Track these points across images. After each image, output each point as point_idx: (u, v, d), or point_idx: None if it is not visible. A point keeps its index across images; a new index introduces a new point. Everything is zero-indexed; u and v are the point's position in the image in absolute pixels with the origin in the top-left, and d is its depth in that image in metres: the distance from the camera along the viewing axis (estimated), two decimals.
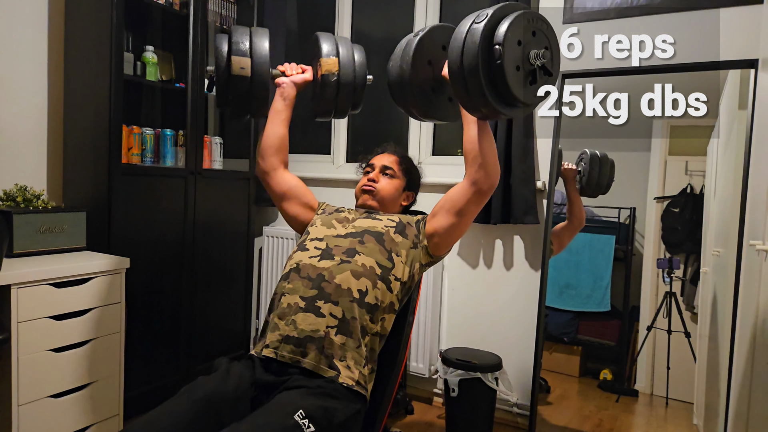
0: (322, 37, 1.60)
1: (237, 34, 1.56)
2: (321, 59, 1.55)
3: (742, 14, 2.02)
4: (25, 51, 2.30)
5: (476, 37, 1.17)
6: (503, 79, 1.17)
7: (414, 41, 1.42)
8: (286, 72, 1.68)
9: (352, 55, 1.58)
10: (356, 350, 1.40)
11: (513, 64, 1.18)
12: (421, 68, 1.42)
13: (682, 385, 2.22)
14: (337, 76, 1.54)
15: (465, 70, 1.19)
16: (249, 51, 1.53)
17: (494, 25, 1.18)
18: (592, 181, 2.29)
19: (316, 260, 1.48)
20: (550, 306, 2.40)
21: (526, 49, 1.21)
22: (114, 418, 2.07)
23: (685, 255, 2.20)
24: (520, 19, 1.18)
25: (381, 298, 1.46)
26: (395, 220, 1.59)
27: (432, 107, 1.48)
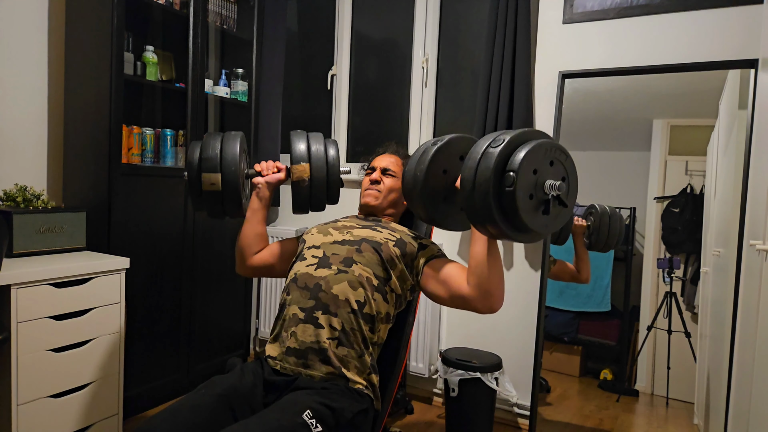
0: (294, 138, 1.61)
1: (207, 146, 1.55)
2: (292, 166, 1.58)
3: (742, 14, 2.02)
4: (26, 51, 2.30)
5: (491, 161, 1.15)
6: (514, 206, 1.14)
7: (432, 149, 1.39)
8: (262, 172, 1.67)
9: (324, 156, 1.59)
10: (359, 360, 1.40)
11: (526, 193, 1.15)
12: (436, 177, 1.39)
13: (683, 385, 2.22)
14: (308, 180, 1.57)
15: (476, 192, 1.17)
16: (219, 165, 1.52)
17: (510, 152, 1.16)
18: (601, 238, 2.25)
19: (313, 269, 1.48)
20: (550, 306, 2.40)
21: (541, 178, 1.18)
22: (114, 417, 2.07)
23: (685, 255, 2.20)
24: (537, 149, 1.16)
25: (378, 309, 1.45)
26: (396, 236, 1.55)
27: (440, 215, 1.44)
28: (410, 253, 1.52)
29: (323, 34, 3.17)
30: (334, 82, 3.10)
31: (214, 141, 1.56)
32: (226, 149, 1.54)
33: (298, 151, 1.58)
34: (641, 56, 2.20)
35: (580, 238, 2.30)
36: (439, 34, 2.79)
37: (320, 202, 1.62)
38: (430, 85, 2.79)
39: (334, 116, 3.12)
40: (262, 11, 2.88)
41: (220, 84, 2.80)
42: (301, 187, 1.58)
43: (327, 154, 1.60)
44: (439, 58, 2.80)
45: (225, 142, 1.56)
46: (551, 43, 2.37)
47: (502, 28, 2.33)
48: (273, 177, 1.66)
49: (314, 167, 1.57)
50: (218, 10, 2.77)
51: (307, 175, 1.57)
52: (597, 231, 2.26)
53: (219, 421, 1.24)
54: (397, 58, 2.94)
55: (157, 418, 1.23)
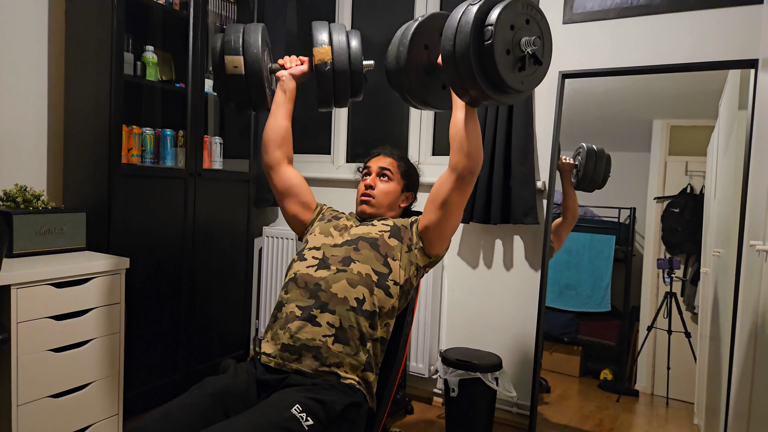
0: (316, 26, 1.61)
1: (230, 32, 1.57)
2: (313, 49, 1.57)
3: (742, 14, 2.02)
4: (26, 51, 2.30)
5: (470, 17, 1.19)
6: (492, 61, 1.17)
7: (413, 25, 1.43)
8: (285, 65, 1.70)
9: (346, 42, 1.58)
10: (354, 357, 1.41)
11: (503, 47, 1.19)
12: (418, 52, 1.43)
13: (683, 385, 2.21)
14: (330, 64, 1.55)
15: (456, 50, 1.20)
16: (241, 48, 1.54)
17: (489, 8, 1.20)
18: (587, 176, 2.31)
19: (313, 270, 1.49)
20: (550, 306, 2.40)
21: (517, 35, 1.21)
22: (114, 418, 2.07)
23: (685, 255, 2.20)
24: (514, 4, 1.20)
25: (380, 305, 1.46)
26: (389, 224, 1.58)
27: (427, 92, 1.48)
28: (404, 234, 1.56)
29: None
30: None
31: (236, 27, 1.58)
32: (248, 34, 1.56)
33: (320, 36, 1.57)
34: (641, 56, 2.20)
35: (568, 176, 2.35)
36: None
37: (343, 92, 1.61)
38: None
39: (333, 117, 3.12)
40: (262, 11, 2.88)
41: None
42: (323, 72, 1.56)
43: (349, 43, 1.59)
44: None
45: (247, 29, 1.58)
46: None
47: None
48: (297, 69, 1.68)
49: (336, 51, 1.56)
50: (218, 10, 2.77)
51: (329, 58, 1.55)
52: (584, 168, 2.31)
53: (211, 420, 1.24)
54: None
55: (150, 418, 1.23)
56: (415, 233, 1.57)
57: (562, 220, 2.37)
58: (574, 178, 2.34)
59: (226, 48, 1.54)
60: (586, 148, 2.31)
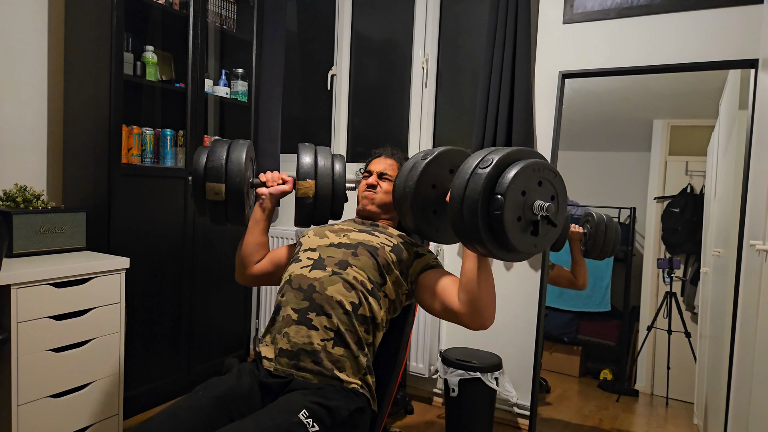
0: (302, 151, 1.61)
1: (214, 154, 1.54)
2: (297, 182, 1.58)
3: (742, 14, 2.02)
4: (25, 51, 2.30)
5: (479, 182, 1.14)
6: (502, 229, 1.14)
7: (421, 164, 1.38)
8: (267, 182, 1.67)
9: (330, 171, 1.59)
10: (354, 360, 1.40)
11: (514, 215, 1.15)
12: (425, 189, 1.39)
13: (683, 385, 2.22)
14: (313, 198, 1.57)
15: (464, 213, 1.16)
16: (224, 175, 1.52)
17: (498, 174, 1.15)
18: (597, 245, 2.28)
19: (308, 270, 1.47)
20: (550, 306, 2.40)
21: (529, 199, 1.17)
22: (114, 418, 2.07)
23: (685, 255, 2.20)
24: (525, 170, 1.15)
25: (373, 313, 1.44)
26: (392, 241, 1.54)
27: (430, 229, 1.44)
28: (406, 260, 1.52)
29: (323, 35, 3.17)
30: (333, 82, 3.11)
31: (220, 149, 1.55)
32: (232, 159, 1.53)
33: (305, 166, 1.58)
34: (641, 56, 2.20)
35: (577, 244, 2.32)
36: (439, 35, 2.79)
37: (323, 217, 1.63)
38: (430, 86, 2.79)
39: (333, 116, 3.12)
40: (261, 11, 2.88)
41: (219, 84, 2.80)
42: (305, 203, 1.58)
43: (333, 170, 1.60)
44: (439, 58, 2.80)
45: (231, 152, 1.55)
46: (551, 43, 2.37)
47: (502, 28, 2.33)
48: (277, 189, 1.65)
49: (320, 184, 1.58)
50: (218, 10, 2.77)
51: (313, 192, 1.57)
52: (593, 238, 2.28)
53: (217, 423, 1.24)
54: (397, 58, 2.94)
55: (155, 420, 1.22)
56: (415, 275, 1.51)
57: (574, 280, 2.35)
58: (583, 246, 2.32)
59: (209, 175, 1.52)
60: (596, 217, 2.27)
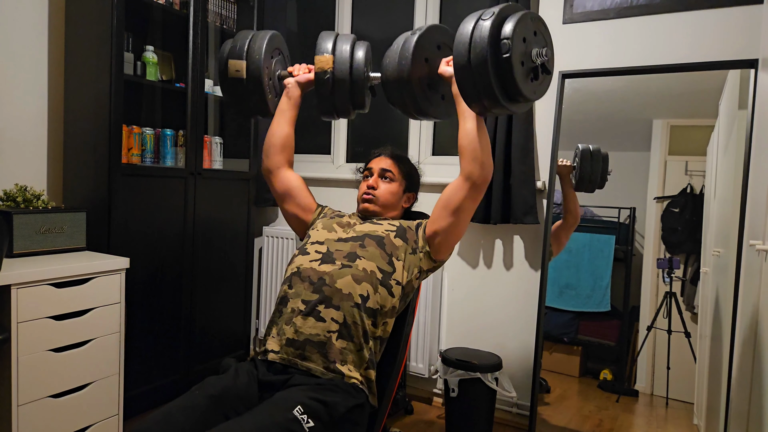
0: (322, 35, 1.61)
1: (238, 37, 1.61)
2: (315, 56, 1.57)
3: (742, 14, 2.02)
4: (26, 51, 2.30)
5: (485, 32, 1.21)
6: (511, 73, 1.21)
7: (413, 39, 1.44)
8: (293, 72, 1.71)
9: (350, 53, 1.56)
10: (357, 354, 1.41)
11: (519, 60, 1.22)
12: (419, 66, 1.45)
13: (683, 385, 2.22)
14: (330, 73, 1.54)
15: (473, 64, 1.23)
16: (245, 53, 1.57)
17: (501, 22, 1.23)
18: (585, 176, 2.32)
19: (317, 264, 1.49)
20: (550, 306, 2.40)
21: (529, 47, 1.25)
22: (114, 418, 2.07)
23: (685, 255, 2.20)
24: (524, 18, 1.23)
25: (382, 303, 1.46)
26: (396, 225, 1.59)
27: (429, 104, 1.50)
28: (410, 236, 1.57)
29: None
30: None
31: (246, 33, 1.63)
32: (254, 40, 1.60)
33: (323, 45, 1.58)
34: (641, 56, 2.20)
35: (567, 178, 2.35)
36: None
37: (344, 103, 1.59)
38: None
39: None
40: (262, 11, 2.88)
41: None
42: (322, 81, 1.55)
43: (353, 54, 1.57)
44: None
45: (255, 36, 1.62)
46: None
47: None
48: (303, 76, 1.70)
49: (337, 61, 1.56)
50: (218, 10, 2.77)
51: (329, 67, 1.54)
52: (581, 169, 2.32)
53: (212, 422, 1.24)
54: None
55: (151, 420, 1.22)
56: (422, 237, 1.57)
57: (563, 222, 2.37)
58: (573, 179, 2.34)
59: (231, 52, 1.58)
60: (581, 148, 2.31)
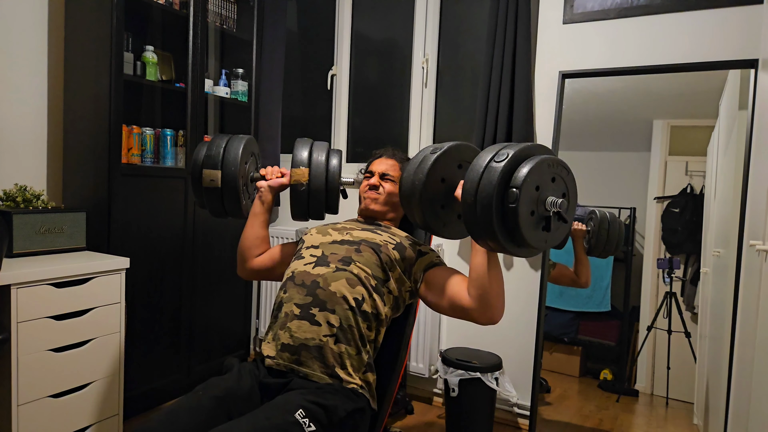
0: (297, 144, 1.64)
1: (213, 143, 1.59)
2: (291, 169, 1.61)
3: (742, 14, 2.02)
4: (25, 51, 2.30)
5: (494, 175, 1.15)
6: (516, 222, 1.14)
7: (431, 158, 1.37)
8: (266, 176, 1.69)
9: (325, 162, 1.61)
10: (356, 357, 1.40)
11: (528, 209, 1.16)
12: (434, 185, 1.38)
13: (683, 385, 2.22)
14: (306, 185, 1.59)
15: (478, 207, 1.17)
16: (220, 163, 1.56)
17: (514, 168, 1.16)
18: (600, 243, 2.27)
19: (311, 267, 1.48)
20: (550, 306, 2.40)
21: (542, 195, 1.18)
22: (114, 418, 2.07)
23: (685, 255, 2.20)
24: (540, 165, 1.15)
25: (376, 309, 1.45)
26: (396, 239, 1.56)
27: (438, 223, 1.43)
28: (409, 258, 1.52)
29: (323, 34, 3.17)
30: (334, 82, 3.11)
31: (220, 140, 1.61)
32: (229, 148, 1.59)
33: (299, 156, 1.61)
34: (641, 56, 2.20)
35: (580, 242, 2.31)
36: (439, 35, 2.79)
37: (319, 209, 1.64)
38: (430, 86, 2.79)
39: (334, 116, 3.12)
40: (261, 11, 2.88)
41: (220, 84, 2.80)
42: (299, 191, 1.59)
43: (328, 162, 1.62)
44: (439, 58, 2.80)
45: (230, 142, 1.61)
46: (551, 43, 2.37)
47: (502, 28, 2.33)
48: (276, 181, 1.67)
49: (313, 173, 1.60)
50: (218, 10, 2.77)
51: (305, 179, 1.59)
52: (596, 236, 2.27)
53: (217, 422, 1.24)
54: (397, 58, 2.94)
55: (156, 419, 1.22)
56: (419, 274, 1.51)
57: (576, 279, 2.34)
58: (586, 244, 2.31)
59: (206, 161, 1.57)
60: (599, 215, 2.26)
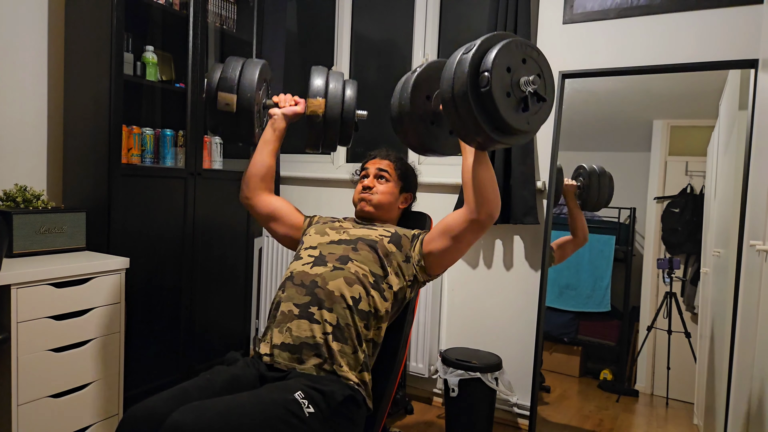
0: (314, 72, 1.62)
1: (228, 67, 1.57)
2: (307, 99, 1.59)
3: (742, 14, 2.02)
4: (25, 51, 2.30)
5: (465, 65, 1.18)
6: (493, 106, 1.16)
7: (412, 77, 1.42)
8: (279, 103, 1.69)
9: (341, 93, 1.60)
10: (352, 356, 1.41)
11: (503, 91, 1.18)
12: (420, 102, 1.42)
13: (683, 385, 2.21)
14: (322, 116, 1.58)
15: (456, 100, 1.19)
16: (236, 87, 1.54)
17: (482, 54, 1.19)
18: (592, 196, 2.30)
19: (309, 267, 1.49)
20: (550, 306, 2.40)
21: (515, 76, 1.20)
22: (114, 418, 2.07)
23: (685, 255, 2.20)
24: (507, 47, 1.18)
25: (375, 306, 1.46)
26: (390, 231, 1.58)
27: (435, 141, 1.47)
28: (405, 246, 1.55)
29: (323, 35, 3.17)
30: None
31: (235, 63, 1.58)
32: (245, 73, 1.56)
33: (316, 86, 1.59)
34: (641, 56, 2.20)
35: (572, 197, 2.34)
36: (439, 35, 2.79)
37: (332, 142, 1.63)
38: None
39: None
40: (261, 12, 2.88)
41: None
42: (314, 122, 1.58)
43: (344, 93, 1.60)
44: (439, 58, 2.79)
45: (246, 67, 1.58)
46: (551, 43, 2.37)
47: (502, 28, 2.33)
48: (290, 109, 1.67)
49: (330, 104, 1.58)
50: (218, 10, 2.77)
51: (322, 110, 1.57)
52: (587, 189, 2.31)
53: None
54: (397, 58, 2.94)
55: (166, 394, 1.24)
56: (418, 250, 1.55)
57: (573, 239, 2.36)
58: (578, 199, 2.33)
59: (221, 84, 1.54)
60: (587, 168, 2.30)
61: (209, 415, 1.14)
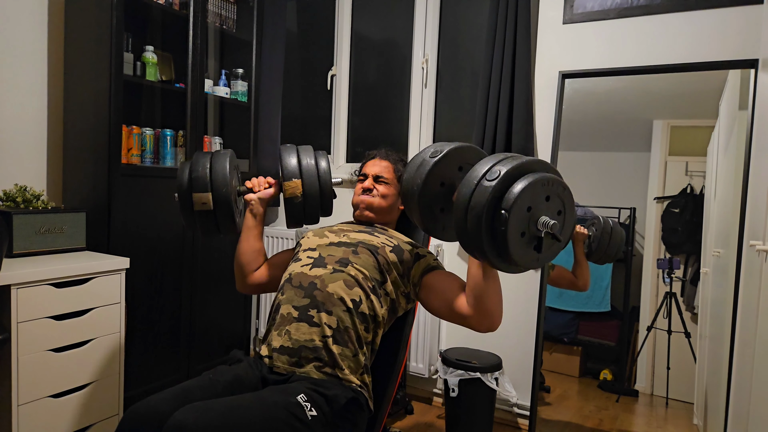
0: (284, 153, 1.61)
1: (197, 164, 1.54)
2: (284, 183, 1.57)
3: (742, 14, 2.02)
4: (25, 51, 2.30)
5: (484, 197, 1.11)
6: (505, 243, 1.12)
7: (429, 163, 1.34)
8: (254, 188, 1.66)
9: (315, 168, 1.59)
10: (353, 359, 1.41)
11: (518, 231, 1.12)
12: (433, 188, 1.35)
13: (682, 385, 2.22)
14: (301, 196, 1.57)
15: (468, 224, 1.14)
16: (209, 183, 1.52)
17: (505, 187, 1.12)
18: (601, 249, 2.27)
19: (308, 269, 1.48)
20: (550, 306, 2.40)
21: (535, 215, 1.14)
22: (114, 418, 2.07)
23: (685, 255, 2.20)
24: (533, 186, 1.11)
25: (374, 311, 1.45)
26: (393, 242, 1.55)
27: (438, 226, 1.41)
28: (406, 261, 1.51)
29: (323, 35, 3.17)
30: (333, 82, 3.11)
31: (203, 159, 1.56)
32: (215, 167, 1.53)
33: (290, 167, 1.58)
34: (641, 56, 2.20)
35: (581, 245, 2.31)
36: (439, 35, 2.79)
37: (314, 216, 1.63)
38: (430, 86, 2.79)
39: (333, 117, 3.12)
40: (261, 11, 2.88)
41: (219, 84, 2.80)
42: (295, 203, 1.58)
43: (318, 167, 1.60)
44: (439, 58, 2.80)
45: (214, 161, 1.55)
46: (551, 43, 2.37)
47: (502, 28, 2.33)
48: (265, 193, 1.64)
49: (306, 183, 1.57)
50: (218, 10, 2.77)
51: (300, 191, 1.57)
52: (598, 241, 2.27)
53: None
54: (397, 58, 2.94)
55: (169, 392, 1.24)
56: (417, 278, 1.50)
57: (575, 280, 2.34)
58: (586, 248, 2.31)
59: (195, 185, 1.52)
60: (602, 221, 2.26)
61: (211, 415, 1.14)
